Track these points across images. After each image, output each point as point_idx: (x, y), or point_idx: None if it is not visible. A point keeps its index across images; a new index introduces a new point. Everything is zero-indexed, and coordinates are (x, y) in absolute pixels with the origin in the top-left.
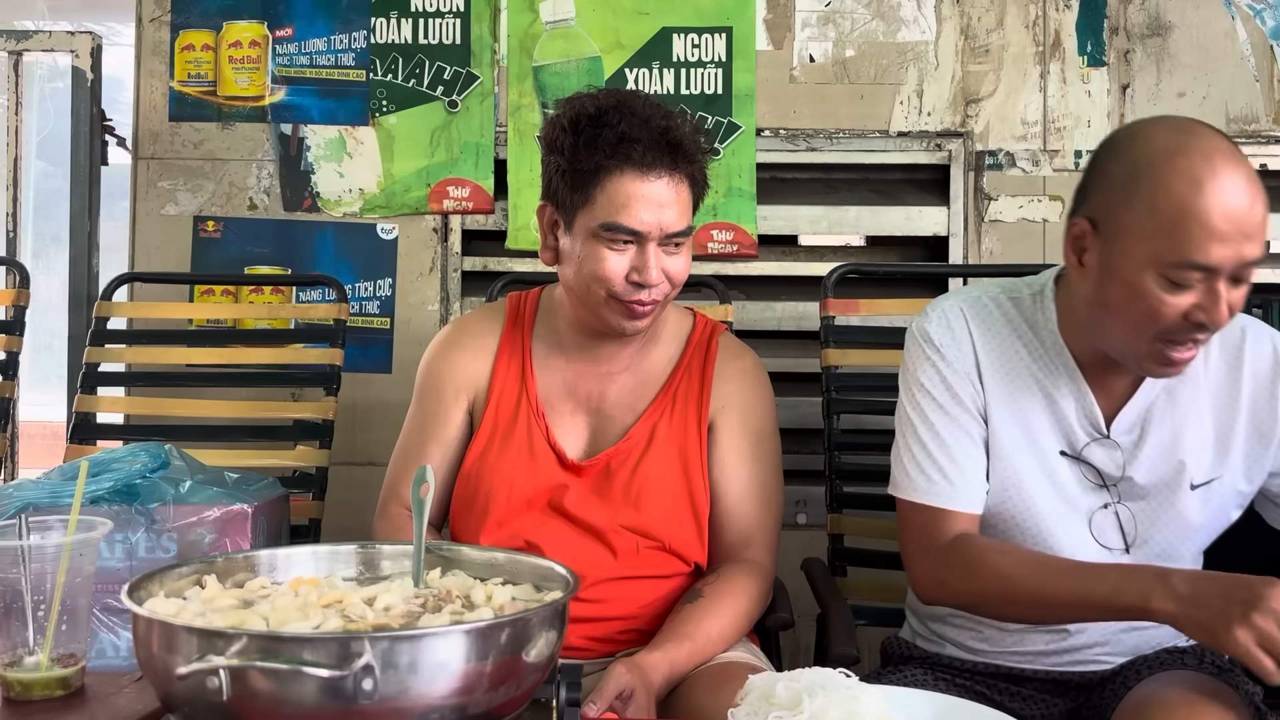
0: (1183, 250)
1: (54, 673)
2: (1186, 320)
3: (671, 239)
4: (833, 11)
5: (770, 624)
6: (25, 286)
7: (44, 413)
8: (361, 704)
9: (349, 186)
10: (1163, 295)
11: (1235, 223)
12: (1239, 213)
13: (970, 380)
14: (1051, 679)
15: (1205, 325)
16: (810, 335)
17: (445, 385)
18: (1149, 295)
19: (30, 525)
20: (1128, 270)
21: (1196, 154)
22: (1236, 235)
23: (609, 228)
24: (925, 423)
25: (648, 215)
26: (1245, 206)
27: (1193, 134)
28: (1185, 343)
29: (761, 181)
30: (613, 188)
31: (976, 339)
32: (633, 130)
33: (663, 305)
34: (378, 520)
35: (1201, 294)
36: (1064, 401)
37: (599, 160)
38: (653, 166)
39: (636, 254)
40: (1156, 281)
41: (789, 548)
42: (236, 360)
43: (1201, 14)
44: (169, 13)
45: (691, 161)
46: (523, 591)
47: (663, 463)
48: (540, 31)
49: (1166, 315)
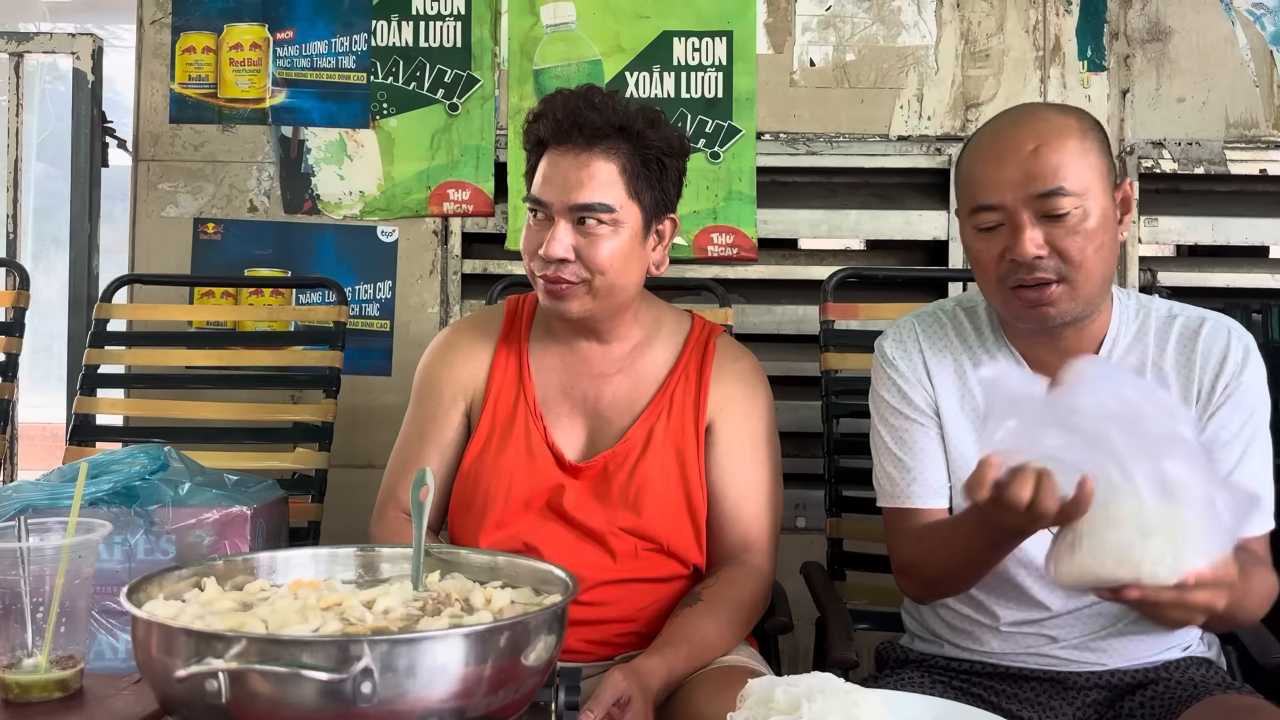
0: (971, 197)
1: (52, 675)
2: (1005, 261)
3: (580, 213)
4: (833, 16)
5: (769, 628)
6: (25, 288)
7: (43, 414)
8: (360, 707)
9: (349, 189)
10: (977, 245)
11: (1007, 162)
12: (1008, 152)
13: (921, 384)
14: (1049, 678)
15: (1020, 261)
16: (810, 339)
17: (443, 388)
18: (971, 250)
19: (29, 527)
20: (963, 240)
21: (989, 123)
22: (1012, 173)
23: (526, 200)
24: (889, 429)
25: (550, 186)
26: (1014, 147)
27: (1015, 109)
28: (1029, 284)
29: (761, 185)
30: (540, 166)
31: (925, 347)
32: (545, 110)
33: (596, 293)
34: (374, 524)
35: (1007, 235)
36: None
37: (529, 143)
38: (561, 142)
39: (549, 228)
40: (971, 234)
41: (788, 551)
42: (236, 362)
43: (1201, 19)
44: (170, 15)
45: (617, 142)
46: (522, 595)
47: (660, 465)
48: (541, 35)
49: (985, 260)
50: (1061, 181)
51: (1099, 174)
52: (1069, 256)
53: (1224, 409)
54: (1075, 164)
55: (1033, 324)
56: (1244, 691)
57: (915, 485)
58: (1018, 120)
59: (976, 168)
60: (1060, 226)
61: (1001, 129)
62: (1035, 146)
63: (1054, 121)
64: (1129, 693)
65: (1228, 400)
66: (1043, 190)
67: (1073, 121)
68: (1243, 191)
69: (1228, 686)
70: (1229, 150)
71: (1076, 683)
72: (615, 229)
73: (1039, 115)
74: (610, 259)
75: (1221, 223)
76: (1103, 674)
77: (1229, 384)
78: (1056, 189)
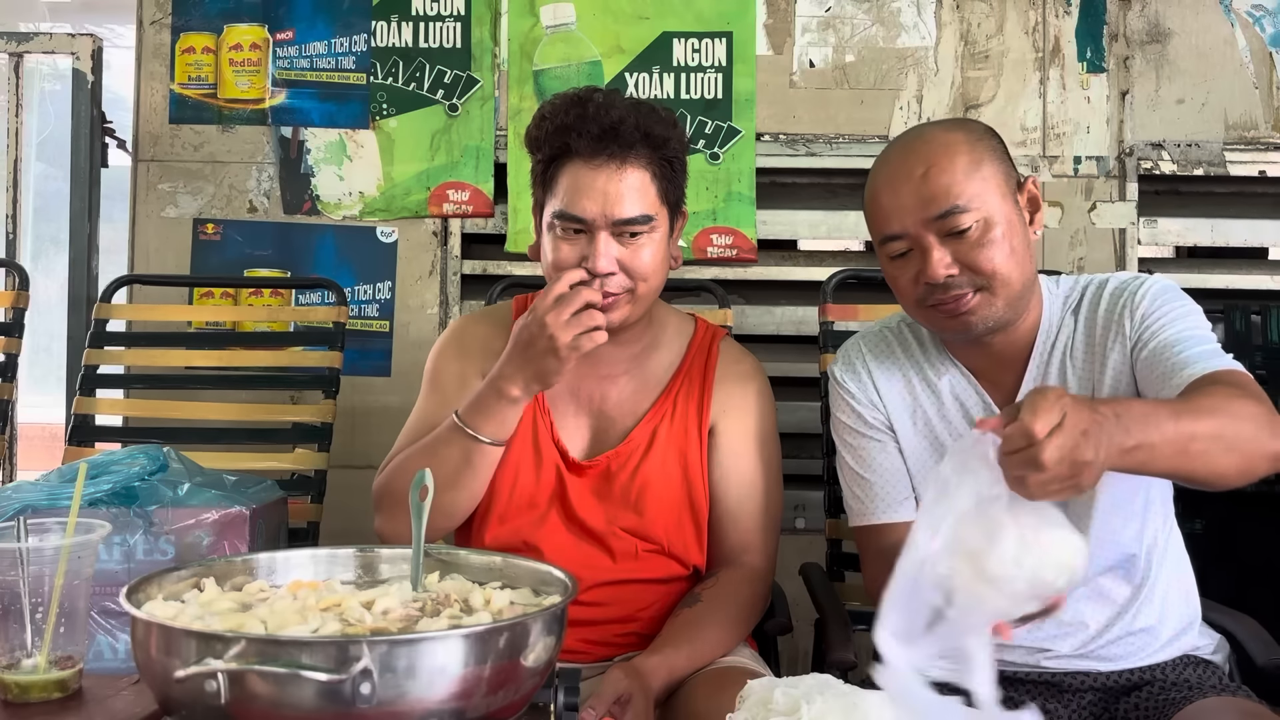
0: (877, 230)
1: (52, 675)
2: (920, 284)
3: (624, 227)
4: (833, 17)
5: (768, 629)
6: (25, 288)
7: (43, 415)
8: (359, 708)
9: (349, 189)
10: (894, 272)
11: (900, 190)
12: (900, 181)
13: (872, 403)
14: (1044, 681)
15: (933, 283)
16: (809, 340)
17: (453, 378)
18: (889, 276)
19: (29, 527)
20: (880, 262)
21: (883, 151)
22: (907, 201)
23: (560, 216)
24: (848, 449)
25: (591, 203)
26: (905, 173)
27: (895, 139)
28: (945, 300)
29: (761, 186)
30: (564, 178)
31: (872, 366)
32: (573, 121)
33: (637, 301)
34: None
35: (917, 259)
36: (964, 400)
37: (549, 153)
38: (595, 155)
39: (587, 243)
40: (886, 262)
41: (787, 552)
42: (235, 363)
43: (1201, 21)
44: (170, 15)
45: (643, 148)
46: (521, 595)
47: (663, 466)
48: (541, 35)
49: (902, 285)
50: (955, 200)
51: (995, 183)
52: (980, 269)
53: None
54: (966, 179)
55: (959, 335)
56: (1239, 694)
57: (878, 501)
58: (906, 146)
59: (876, 198)
60: (964, 242)
61: (891, 157)
62: (924, 170)
63: (939, 140)
64: (1124, 694)
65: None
66: (939, 212)
67: (959, 136)
68: (1242, 193)
69: (1223, 689)
70: (1228, 152)
71: (1071, 685)
72: (652, 235)
73: (924, 137)
74: (651, 265)
75: (1221, 224)
76: (1098, 676)
77: (1142, 314)
78: (951, 208)
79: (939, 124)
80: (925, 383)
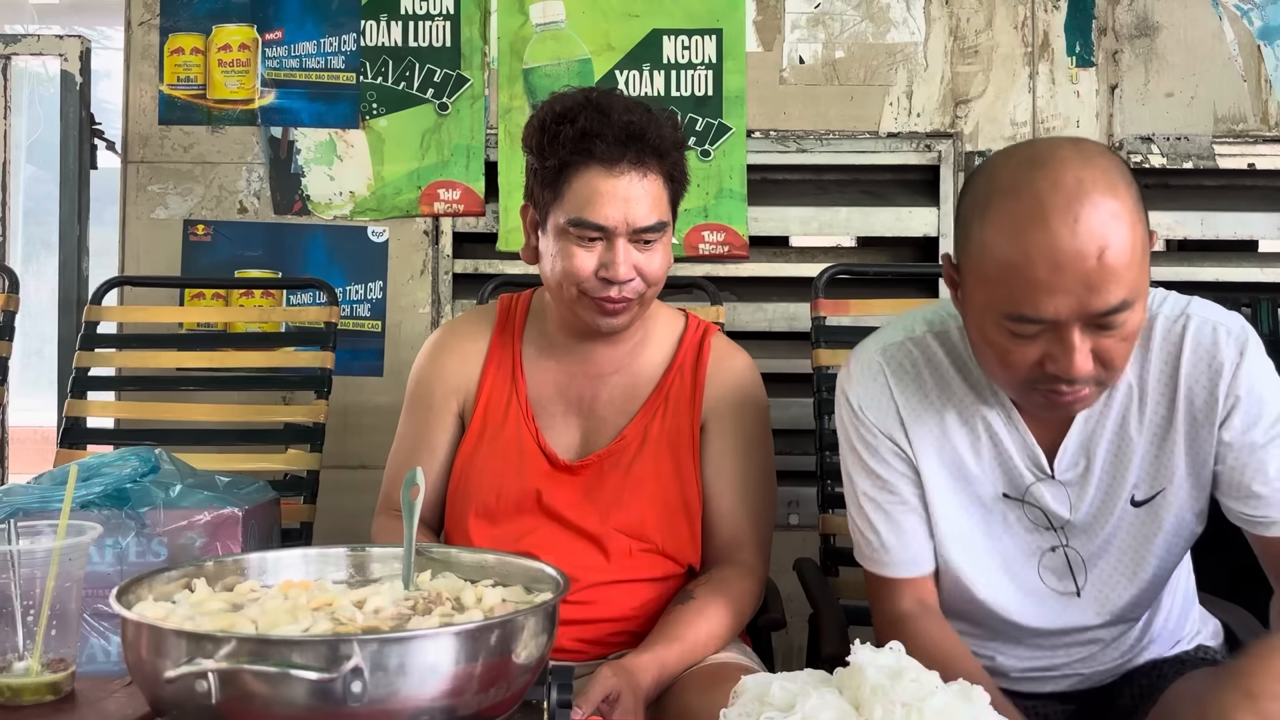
0: (1011, 302)
1: (44, 678)
2: (1043, 370)
3: (641, 234)
4: (822, 13)
5: (762, 624)
6: (15, 291)
7: (34, 417)
8: (351, 706)
9: (339, 189)
10: (1007, 345)
11: (1066, 273)
12: (1069, 261)
13: (891, 438)
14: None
15: (1062, 377)
16: (801, 336)
17: (435, 391)
18: (995, 344)
19: (20, 530)
20: (974, 316)
21: (1029, 196)
22: (1073, 286)
23: (576, 224)
24: (859, 487)
25: (613, 210)
26: (1076, 254)
27: (1040, 168)
28: (1063, 393)
29: (752, 183)
30: (579, 184)
31: (895, 392)
32: (595, 126)
33: (644, 303)
34: (373, 528)
35: (1049, 343)
36: (1004, 441)
37: (564, 157)
38: (617, 161)
39: (605, 250)
40: (998, 330)
41: (781, 548)
42: (227, 364)
43: (1189, 14)
44: (158, 16)
45: (661, 157)
46: (513, 593)
47: (655, 464)
48: (530, 34)
49: (1017, 364)
50: (1125, 295)
51: (1149, 259)
52: (1114, 366)
53: (1236, 413)
54: (1139, 267)
55: (1061, 416)
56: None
57: (891, 556)
58: (1069, 209)
59: (1026, 269)
60: (1112, 336)
61: (1050, 220)
62: (1099, 251)
63: (1108, 208)
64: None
65: (1236, 404)
66: (1106, 309)
67: (1124, 194)
68: (1231, 186)
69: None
70: (1217, 145)
71: (1072, 690)
72: (663, 239)
73: (1091, 200)
74: (662, 270)
75: (1210, 217)
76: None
77: (1228, 387)
78: (1120, 305)
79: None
80: (958, 414)
